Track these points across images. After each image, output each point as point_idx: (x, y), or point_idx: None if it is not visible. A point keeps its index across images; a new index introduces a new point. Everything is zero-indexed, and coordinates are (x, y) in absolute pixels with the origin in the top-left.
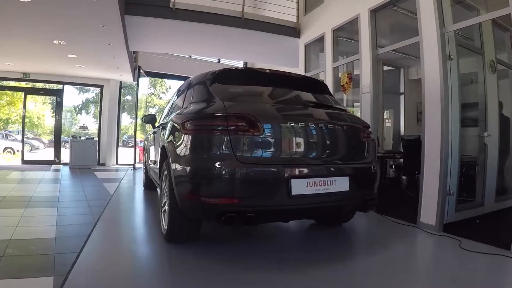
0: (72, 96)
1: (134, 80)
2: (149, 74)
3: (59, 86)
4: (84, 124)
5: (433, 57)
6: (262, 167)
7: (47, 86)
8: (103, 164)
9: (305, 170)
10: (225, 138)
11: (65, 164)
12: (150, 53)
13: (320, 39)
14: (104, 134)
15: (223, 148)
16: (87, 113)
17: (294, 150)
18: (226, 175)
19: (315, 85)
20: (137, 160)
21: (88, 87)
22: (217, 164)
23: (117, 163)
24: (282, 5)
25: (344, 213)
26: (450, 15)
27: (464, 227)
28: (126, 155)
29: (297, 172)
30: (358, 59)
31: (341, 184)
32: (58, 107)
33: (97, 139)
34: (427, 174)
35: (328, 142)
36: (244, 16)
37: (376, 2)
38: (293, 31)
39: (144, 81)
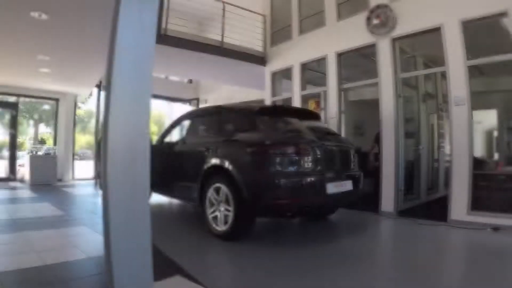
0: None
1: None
2: None
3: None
4: (41, 139)
5: (389, 95)
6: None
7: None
8: (60, 180)
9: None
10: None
11: (21, 181)
12: None
13: (288, 69)
14: (60, 148)
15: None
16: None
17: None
18: None
19: (316, 116)
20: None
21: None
22: None
23: (73, 178)
24: (250, 35)
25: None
26: (400, 66)
27: (411, 212)
28: (81, 169)
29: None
30: (325, 90)
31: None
32: (13, 121)
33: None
34: (385, 175)
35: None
36: (224, 45)
37: (342, 48)
38: (261, 60)
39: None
